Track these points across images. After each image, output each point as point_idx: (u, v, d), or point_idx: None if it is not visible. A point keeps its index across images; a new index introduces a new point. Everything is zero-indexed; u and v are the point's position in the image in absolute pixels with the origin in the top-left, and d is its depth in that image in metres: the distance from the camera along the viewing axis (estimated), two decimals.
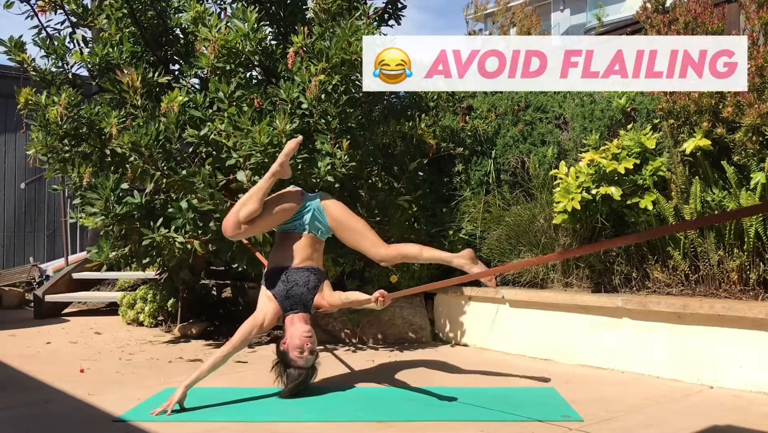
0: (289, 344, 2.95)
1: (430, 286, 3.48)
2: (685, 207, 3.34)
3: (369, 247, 3.09)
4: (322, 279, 3.08)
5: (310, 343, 2.94)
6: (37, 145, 4.06)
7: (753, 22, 3.29)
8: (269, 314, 3.00)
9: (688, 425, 2.47)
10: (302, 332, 2.94)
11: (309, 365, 2.97)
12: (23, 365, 3.74)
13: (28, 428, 2.57)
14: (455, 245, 4.25)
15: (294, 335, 2.94)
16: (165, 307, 5.12)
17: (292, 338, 2.95)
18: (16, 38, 4.29)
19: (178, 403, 2.75)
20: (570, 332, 3.62)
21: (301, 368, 2.94)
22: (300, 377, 2.94)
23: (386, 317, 4.30)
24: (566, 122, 4.34)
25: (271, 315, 3.00)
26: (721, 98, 3.31)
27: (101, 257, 4.05)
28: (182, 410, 2.75)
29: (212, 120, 3.92)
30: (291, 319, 3.00)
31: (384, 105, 4.56)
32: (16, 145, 8.63)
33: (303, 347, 2.92)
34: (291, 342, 2.94)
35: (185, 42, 4.58)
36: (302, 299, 3.01)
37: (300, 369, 2.94)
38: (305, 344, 2.92)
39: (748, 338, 2.92)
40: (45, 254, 8.87)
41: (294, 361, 2.93)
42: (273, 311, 3.00)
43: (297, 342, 2.93)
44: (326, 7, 4.00)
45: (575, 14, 25.54)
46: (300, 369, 2.94)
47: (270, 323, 3.02)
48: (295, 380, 2.94)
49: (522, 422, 2.54)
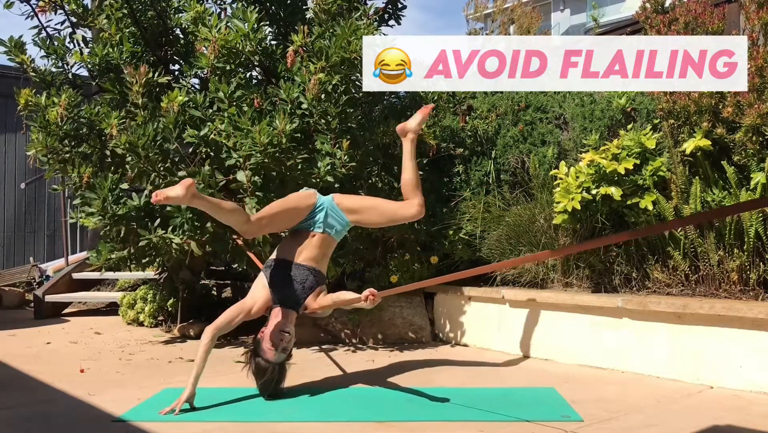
0: (265, 334, 2.94)
1: (423, 283, 3.47)
2: (685, 207, 3.34)
3: (395, 211, 3.13)
4: (320, 283, 3.07)
5: (284, 341, 2.93)
6: (37, 145, 4.06)
7: (753, 22, 3.29)
8: (259, 302, 3.00)
9: (688, 425, 2.47)
10: (281, 326, 2.94)
11: (277, 361, 2.94)
12: (23, 365, 3.74)
13: (28, 428, 2.57)
14: (455, 245, 4.26)
15: (274, 330, 2.94)
16: (165, 307, 5.12)
17: (270, 330, 2.94)
18: (16, 38, 4.30)
19: (187, 401, 2.76)
20: (570, 332, 3.62)
21: (268, 362, 2.92)
22: (267, 373, 2.91)
23: (386, 317, 4.30)
24: (566, 122, 4.34)
25: (261, 303, 3.00)
26: (721, 98, 3.31)
27: (100, 260, 4.05)
28: (192, 409, 2.75)
29: (212, 120, 3.92)
30: (277, 312, 2.99)
31: (384, 105, 4.56)
32: (16, 146, 8.63)
33: (275, 342, 2.91)
34: (267, 333, 2.93)
35: (185, 42, 4.58)
36: (295, 295, 3.00)
37: (267, 362, 2.91)
38: (280, 339, 2.92)
39: (748, 338, 2.92)
40: (45, 254, 8.87)
41: (264, 351, 2.92)
42: (263, 299, 3.00)
43: (273, 336, 2.92)
44: (326, 7, 4.00)
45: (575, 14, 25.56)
46: (267, 362, 2.91)
47: (258, 311, 3.01)
48: (262, 374, 2.92)
49: (522, 422, 2.54)
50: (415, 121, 3.21)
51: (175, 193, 2.59)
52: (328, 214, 3.09)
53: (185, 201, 2.64)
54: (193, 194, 2.63)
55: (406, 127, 3.21)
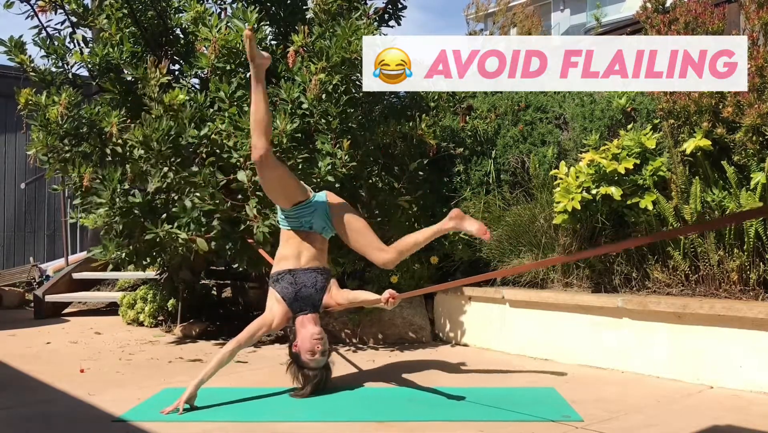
0: (300, 347, 2.96)
1: (441, 286, 3.48)
2: (685, 207, 3.34)
3: (371, 250, 3.09)
4: (328, 278, 3.09)
5: (321, 345, 2.95)
6: (37, 145, 4.06)
7: (753, 22, 3.29)
8: (278, 317, 3.01)
9: (688, 425, 2.47)
10: (312, 333, 2.95)
11: (321, 365, 2.98)
12: (23, 365, 3.74)
13: (28, 428, 2.57)
14: (455, 245, 4.26)
15: (305, 338, 2.95)
16: (165, 307, 5.12)
17: (303, 340, 2.96)
18: (16, 38, 4.29)
19: (187, 402, 2.76)
20: (570, 332, 3.62)
21: (314, 369, 2.96)
22: (317, 377, 2.97)
23: (386, 317, 4.30)
24: (566, 122, 4.34)
25: (280, 317, 3.01)
26: (721, 98, 3.31)
27: (106, 256, 4.04)
28: (192, 409, 2.75)
29: (213, 120, 3.92)
30: (301, 321, 3.00)
31: (384, 105, 4.56)
32: (16, 145, 8.63)
33: (314, 349, 2.94)
34: (302, 345, 2.96)
35: (185, 42, 4.58)
36: (311, 299, 3.02)
37: (314, 370, 2.96)
38: (316, 346, 2.94)
39: (748, 338, 2.92)
40: (45, 254, 8.87)
41: (306, 363, 2.95)
42: (281, 313, 3.01)
43: (308, 345, 2.94)
44: (326, 7, 4.00)
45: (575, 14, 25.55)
46: (314, 370, 2.96)
47: (279, 325, 3.03)
48: (313, 380, 2.97)
49: (522, 422, 2.54)
50: (471, 223, 3.07)
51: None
52: (320, 214, 3.10)
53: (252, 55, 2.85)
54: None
55: (464, 224, 3.07)
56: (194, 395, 2.79)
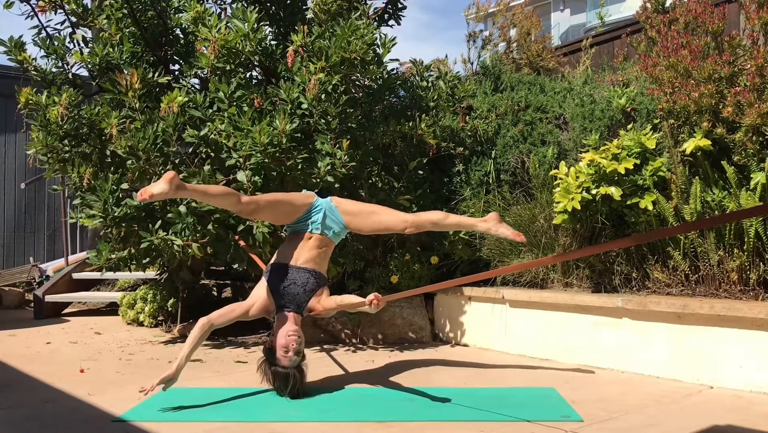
0: (276, 342, 2.94)
1: (429, 288, 3.46)
2: (685, 207, 3.34)
3: (392, 220, 3.14)
4: (321, 284, 3.07)
5: (296, 343, 2.92)
6: (37, 145, 4.06)
7: (753, 22, 3.29)
8: (258, 304, 3.00)
9: (688, 425, 2.47)
10: (288, 331, 2.93)
11: (293, 365, 2.93)
12: (23, 365, 3.74)
13: (28, 428, 2.57)
14: (455, 245, 4.26)
15: (281, 334, 2.93)
16: (165, 307, 5.12)
17: (278, 336, 2.93)
18: (16, 38, 4.30)
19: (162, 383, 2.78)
20: (570, 332, 3.62)
21: (285, 368, 2.92)
22: (288, 379, 2.92)
23: (386, 317, 4.30)
24: (566, 122, 4.34)
25: (260, 306, 3.00)
26: (721, 98, 3.31)
27: (100, 260, 4.05)
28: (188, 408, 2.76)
29: (212, 120, 3.92)
30: (281, 317, 2.99)
31: (384, 105, 4.56)
32: (16, 145, 8.63)
33: (288, 347, 2.91)
34: (278, 340, 2.93)
35: (185, 42, 4.59)
36: (297, 298, 3.00)
37: (284, 369, 2.92)
38: (290, 343, 2.91)
39: (748, 338, 2.92)
40: (45, 254, 8.87)
41: (279, 360, 2.92)
42: (262, 303, 3.00)
43: (282, 341, 2.91)
44: (326, 7, 4.00)
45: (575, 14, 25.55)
46: (284, 369, 2.92)
47: (256, 313, 3.01)
48: (282, 380, 2.93)
49: (522, 422, 2.54)
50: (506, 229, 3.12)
51: (160, 189, 2.56)
52: (326, 216, 3.09)
53: (170, 194, 2.61)
54: (177, 186, 2.60)
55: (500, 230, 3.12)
56: (174, 378, 2.82)
